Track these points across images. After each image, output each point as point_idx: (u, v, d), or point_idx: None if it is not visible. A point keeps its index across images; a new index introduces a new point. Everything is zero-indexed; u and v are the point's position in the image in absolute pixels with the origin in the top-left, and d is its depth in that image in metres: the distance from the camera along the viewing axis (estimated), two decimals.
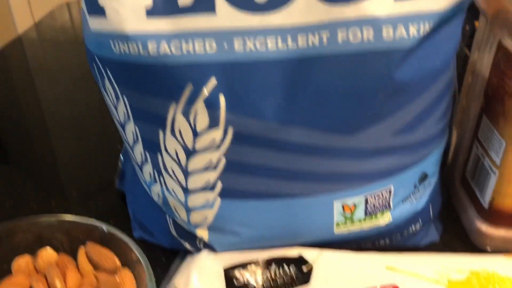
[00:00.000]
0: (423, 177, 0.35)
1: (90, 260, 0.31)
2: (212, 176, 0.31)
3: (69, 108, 0.57)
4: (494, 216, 0.35)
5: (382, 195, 0.33)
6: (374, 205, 0.33)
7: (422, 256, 0.32)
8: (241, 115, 0.28)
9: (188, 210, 0.34)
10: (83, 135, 0.53)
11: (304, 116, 0.28)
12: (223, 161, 0.30)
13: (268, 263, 0.34)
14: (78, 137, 0.53)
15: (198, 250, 0.35)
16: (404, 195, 0.34)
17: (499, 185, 0.34)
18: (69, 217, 0.32)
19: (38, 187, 0.44)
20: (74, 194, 0.36)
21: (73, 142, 0.53)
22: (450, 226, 0.40)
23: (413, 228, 0.36)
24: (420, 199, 0.35)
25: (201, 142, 0.29)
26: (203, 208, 0.33)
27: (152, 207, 0.37)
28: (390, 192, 0.33)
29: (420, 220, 0.36)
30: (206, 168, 0.31)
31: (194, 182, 0.32)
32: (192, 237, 0.35)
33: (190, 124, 0.29)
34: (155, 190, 0.35)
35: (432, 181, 0.36)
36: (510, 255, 0.30)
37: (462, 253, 0.32)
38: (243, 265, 0.34)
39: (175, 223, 0.36)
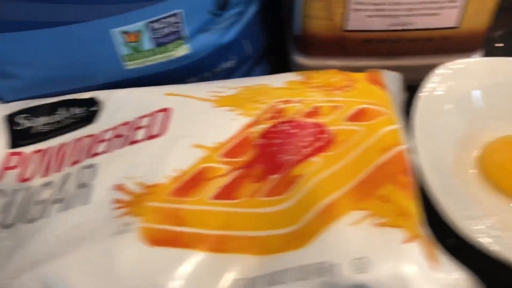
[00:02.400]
0: (222, 4, 0.31)
1: None
2: None
3: None
4: (306, 44, 0.33)
5: (170, 21, 0.30)
6: (162, 34, 0.30)
7: (211, 82, 0.30)
8: None
9: None
10: None
11: None
12: None
13: (55, 107, 0.31)
14: None
15: None
16: (201, 24, 0.31)
17: (305, 6, 0.31)
18: None
19: None
20: None
21: None
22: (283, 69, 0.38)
23: (226, 66, 0.34)
24: (227, 31, 0.33)
25: None
26: None
27: None
28: (180, 18, 0.30)
29: (231, 56, 0.34)
30: None
31: None
32: None
33: None
34: None
35: (245, 14, 0.33)
36: (293, 73, 0.28)
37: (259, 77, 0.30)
38: (29, 110, 0.31)
39: None
